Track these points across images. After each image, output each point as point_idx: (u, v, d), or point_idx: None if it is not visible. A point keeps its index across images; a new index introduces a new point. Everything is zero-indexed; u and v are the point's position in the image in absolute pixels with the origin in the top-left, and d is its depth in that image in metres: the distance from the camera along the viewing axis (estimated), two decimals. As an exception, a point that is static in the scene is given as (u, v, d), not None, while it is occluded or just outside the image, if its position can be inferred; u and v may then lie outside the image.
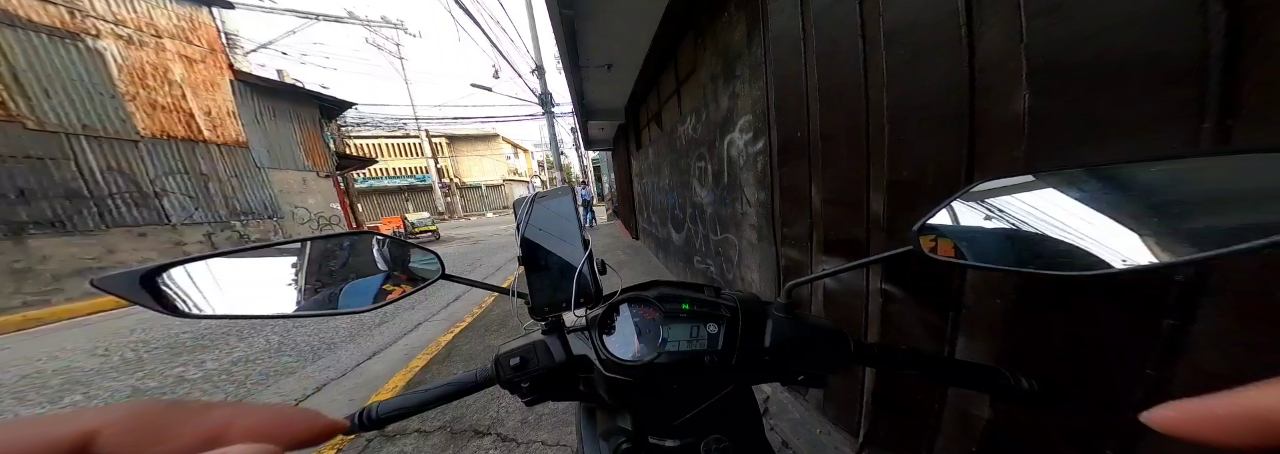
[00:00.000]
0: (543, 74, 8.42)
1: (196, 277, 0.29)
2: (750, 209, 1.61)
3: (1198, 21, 0.37)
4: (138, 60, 5.82)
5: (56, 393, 2.23)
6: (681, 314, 0.34)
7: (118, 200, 5.35)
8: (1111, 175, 0.24)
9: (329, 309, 0.35)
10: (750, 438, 0.38)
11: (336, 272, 0.37)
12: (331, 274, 0.36)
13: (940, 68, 0.66)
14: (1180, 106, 0.39)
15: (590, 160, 18.40)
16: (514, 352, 0.35)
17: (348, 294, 0.36)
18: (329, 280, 0.36)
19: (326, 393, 1.97)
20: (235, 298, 0.30)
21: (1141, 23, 0.41)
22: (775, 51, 1.24)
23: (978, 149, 0.62)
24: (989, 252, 0.29)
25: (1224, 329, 0.39)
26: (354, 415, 0.34)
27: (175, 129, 6.22)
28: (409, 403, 0.35)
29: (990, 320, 0.63)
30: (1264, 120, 0.35)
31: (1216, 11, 0.36)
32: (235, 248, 0.33)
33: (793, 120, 1.16)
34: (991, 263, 0.29)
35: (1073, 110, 0.49)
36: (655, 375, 0.32)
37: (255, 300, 0.31)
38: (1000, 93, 0.57)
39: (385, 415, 0.34)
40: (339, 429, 0.19)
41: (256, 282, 0.32)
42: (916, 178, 0.74)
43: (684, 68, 2.72)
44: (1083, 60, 0.47)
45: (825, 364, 0.34)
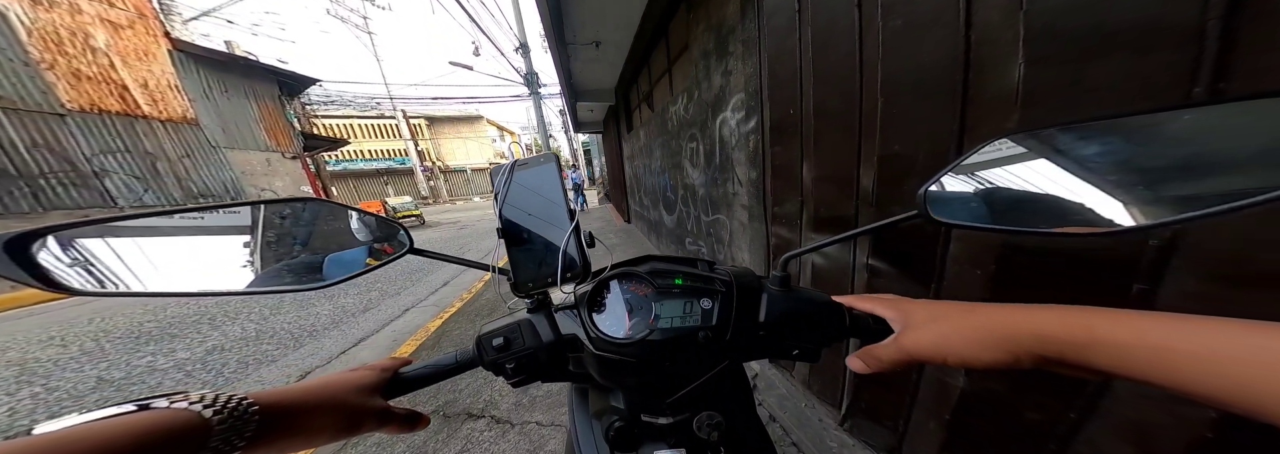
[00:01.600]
0: (527, 52, 7.91)
1: (97, 244, 0.24)
2: (741, 189, 1.60)
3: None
4: (50, 23, 5.12)
5: (12, 386, 2.10)
6: (675, 290, 0.33)
7: (52, 180, 4.85)
8: (1128, 127, 0.23)
9: (274, 286, 0.30)
10: (742, 413, 0.38)
11: (281, 244, 0.32)
12: (276, 247, 0.32)
13: (936, 39, 0.65)
14: (1174, 71, 0.39)
15: (580, 144, 17.87)
16: (497, 331, 0.33)
17: (297, 270, 0.32)
18: (276, 254, 0.31)
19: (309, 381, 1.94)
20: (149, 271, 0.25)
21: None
22: (769, 26, 1.19)
23: (970, 121, 0.62)
24: (996, 213, 0.29)
25: (1191, 291, 0.41)
26: None
27: (107, 102, 5.60)
28: None
29: (971, 291, 0.66)
30: (1255, 82, 0.36)
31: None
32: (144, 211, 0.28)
33: (786, 97, 1.14)
34: (998, 224, 0.29)
35: (1067, 78, 0.49)
36: (648, 353, 0.31)
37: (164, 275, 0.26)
38: (995, 62, 0.57)
39: None
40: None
41: (163, 253, 0.26)
42: (908, 152, 0.74)
43: (676, 45, 2.61)
44: (1081, 26, 0.46)
45: (820, 338, 0.34)
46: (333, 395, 0.27)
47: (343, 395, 0.28)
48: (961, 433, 0.73)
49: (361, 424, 0.28)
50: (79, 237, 0.24)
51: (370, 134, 27.79)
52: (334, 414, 0.27)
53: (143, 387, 1.97)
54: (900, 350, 0.26)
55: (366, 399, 0.29)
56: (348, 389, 0.28)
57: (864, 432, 1.01)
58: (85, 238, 0.24)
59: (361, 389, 0.29)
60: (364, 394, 0.29)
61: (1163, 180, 0.22)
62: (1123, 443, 0.48)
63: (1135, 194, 0.23)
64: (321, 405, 0.26)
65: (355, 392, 0.29)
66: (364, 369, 0.31)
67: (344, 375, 0.30)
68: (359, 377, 0.30)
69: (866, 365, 0.28)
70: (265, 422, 0.22)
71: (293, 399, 0.25)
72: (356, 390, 0.29)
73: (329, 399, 0.27)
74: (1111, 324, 0.19)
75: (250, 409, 0.22)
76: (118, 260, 0.25)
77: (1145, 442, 0.46)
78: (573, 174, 14.96)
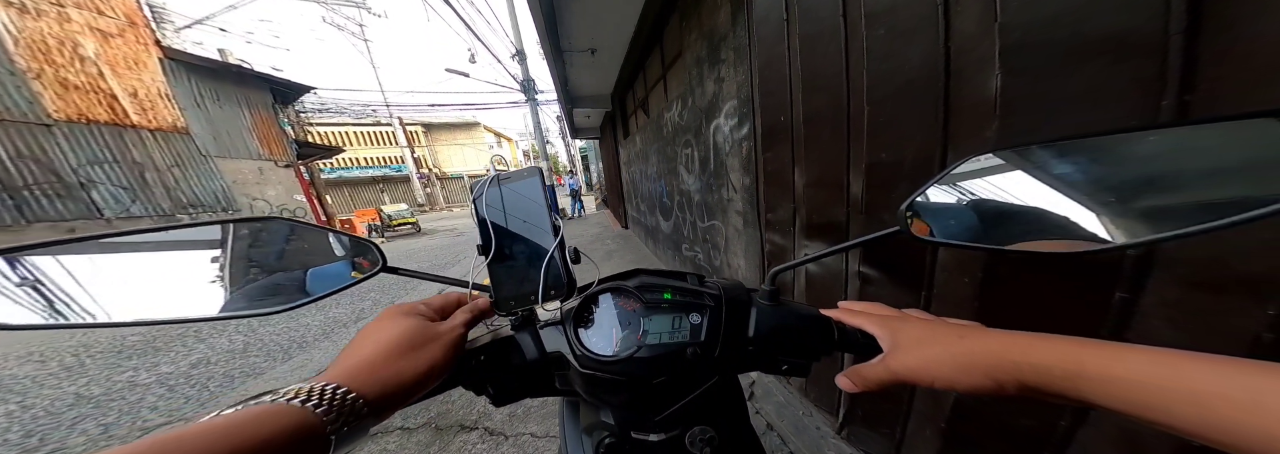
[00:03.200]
0: (524, 59, 7.98)
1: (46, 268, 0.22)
2: (736, 195, 1.61)
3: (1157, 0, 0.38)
4: (37, 32, 5.07)
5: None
6: (663, 304, 0.32)
7: (36, 192, 4.76)
8: (1099, 146, 0.23)
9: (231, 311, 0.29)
10: (735, 427, 0.37)
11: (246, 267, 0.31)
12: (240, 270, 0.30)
13: (918, 48, 0.66)
14: (1142, 83, 0.40)
15: (577, 149, 17.95)
16: (477, 350, 0.32)
17: (275, 289, 0.30)
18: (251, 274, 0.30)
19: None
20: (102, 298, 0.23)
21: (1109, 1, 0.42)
22: (759, 33, 1.21)
23: (952, 129, 0.63)
24: (972, 231, 0.29)
25: (1171, 299, 0.41)
26: None
27: (96, 112, 5.54)
28: None
29: (959, 299, 0.66)
30: (1219, 95, 0.36)
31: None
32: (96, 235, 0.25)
33: (777, 104, 1.15)
34: (975, 242, 0.29)
35: (1041, 89, 0.50)
36: (636, 370, 0.30)
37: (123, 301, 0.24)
38: (973, 73, 0.58)
39: None
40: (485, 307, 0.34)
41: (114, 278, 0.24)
42: (895, 159, 0.75)
43: (670, 51, 2.65)
44: (1054, 38, 0.47)
45: (809, 352, 0.33)
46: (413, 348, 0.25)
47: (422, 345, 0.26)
48: (957, 440, 0.72)
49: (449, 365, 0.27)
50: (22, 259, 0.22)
51: (366, 141, 27.69)
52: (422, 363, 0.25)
53: (122, 402, 1.90)
54: (887, 371, 0.26)
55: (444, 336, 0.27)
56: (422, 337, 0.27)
57: (862, 440, 1.00)
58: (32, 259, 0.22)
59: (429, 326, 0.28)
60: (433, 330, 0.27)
61: (1133, 199, 0.22)
62: (1114, 450, 0.48)
63: (1107, 212, 0.23)
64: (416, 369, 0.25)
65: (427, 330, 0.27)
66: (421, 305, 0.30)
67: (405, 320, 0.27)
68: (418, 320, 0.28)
69: (855, 384, 0.28)
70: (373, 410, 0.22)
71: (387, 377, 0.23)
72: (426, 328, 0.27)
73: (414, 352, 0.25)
74: (1102, 358, 0.19)
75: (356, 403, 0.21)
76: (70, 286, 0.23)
77: (1136, 448, 0.46)
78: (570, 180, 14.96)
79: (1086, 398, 0.19)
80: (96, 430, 1.66)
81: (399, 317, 0.28)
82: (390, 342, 0.25)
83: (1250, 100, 0.35)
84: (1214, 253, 0.38)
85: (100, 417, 1.77)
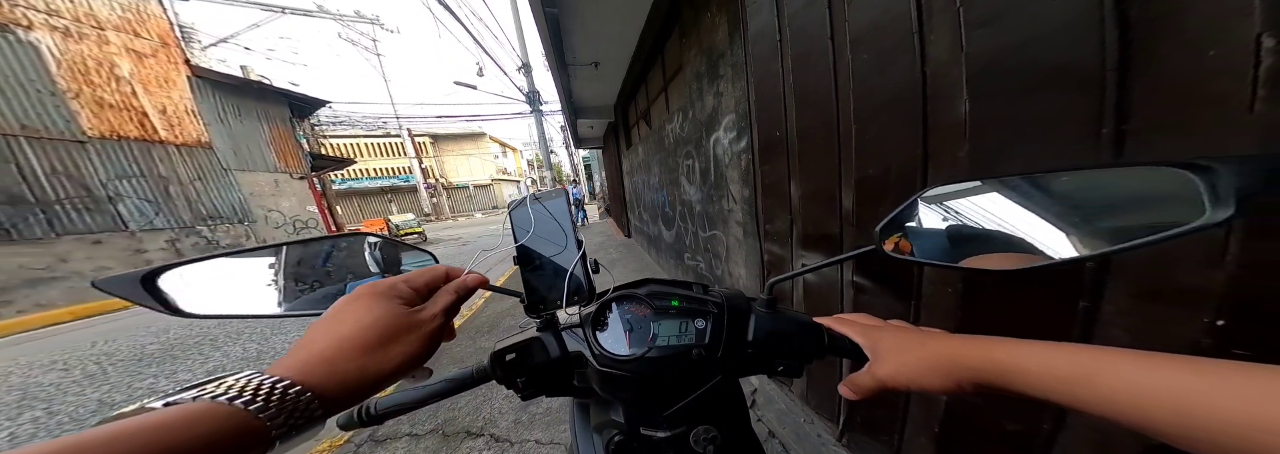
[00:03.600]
0: (529, 71, 8.25)
1: (198, 277, 0.30)
2: (736, 206, 1.65)
3: (1097, 36, 0.43)
4: (78, 54, 5.37)
5: (14, 410, 2.09)
6: (671, 310, 0.36)
7: (67, 206, 4.95)
8: (1041, 182, 0.28)
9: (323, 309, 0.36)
10: (737, 428, 0.40)
11: (333, 272, 0.38)
12: (328, 275, 0.37)
13: (898, 71, 0.71)
14: (1085, 113, 0.45)
15: (581, 159, 18.20)
16: (510, 348, 0.36)
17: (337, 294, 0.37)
18: (326, 280, 0.37)
19: None
20: (236, 297, 0.31)
21: (1056, 36, 0.47)
22: (754, 52, 1.27)
23: (931, 148, 0.67)
24: (939, 250, 0.33)
25: (1125, 308, 0.45)
26: (351, 412, 0.35)
27: (127, 129, 5.80)
28: (407, 399, 0.36)
29: (944, 308, 0.69)
30: (1151, 126, 0.41)
31: (1110, 28, 0.42)
32: (236, 249, 0.34)
33: (772, 119, 1.21)
34: (940, 260, 0.33)
35: (1004, 114, 0.55)
36: (646, 369, 0.34)
37: (254, 300, 0.32)
38: (947, 96, 0.63)
39: (383, 411, 0.35)
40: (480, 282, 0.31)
41: (255, 282, 0.33)
42: (881, 175, 0.80)
43: (671, 65, 2.74)
44: (1013, 68, 0.52)
45: (801, 355, 0.36)
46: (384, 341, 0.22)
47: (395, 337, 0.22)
48: (951, 445, 0.74)
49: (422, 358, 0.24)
50: (187, 269, 0.30)
51: (376, 153, 28.40)
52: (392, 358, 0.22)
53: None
54: (873, 379, 0.29)
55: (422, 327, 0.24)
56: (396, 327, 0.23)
57: (862, 447, 1.01)
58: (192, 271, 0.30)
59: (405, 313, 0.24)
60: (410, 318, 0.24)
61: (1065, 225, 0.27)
62: (1090, 451, 0.50)
63: (1042, 235, 0.28)
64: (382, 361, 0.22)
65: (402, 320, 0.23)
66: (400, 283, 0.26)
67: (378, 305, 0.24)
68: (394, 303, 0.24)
69: (852, 392, 0.30)
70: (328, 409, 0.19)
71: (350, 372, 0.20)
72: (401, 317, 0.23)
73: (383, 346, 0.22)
74: (1013, 354, 0.22)
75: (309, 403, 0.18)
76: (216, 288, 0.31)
77: (1108, 448, 0.49)
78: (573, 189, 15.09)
79: (1018, 391, 0.22)
80: None
81: (372, 299, 0.24)
82: (358, 332, 0.22)
83: (1177, 131, 0.39)
84: (1154, 267, 0.42)
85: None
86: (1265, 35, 0.33)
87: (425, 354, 0.24)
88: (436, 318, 0.26)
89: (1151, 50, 0.40)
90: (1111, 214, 0.26)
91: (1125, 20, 0.41)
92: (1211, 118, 0.37)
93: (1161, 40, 0.39)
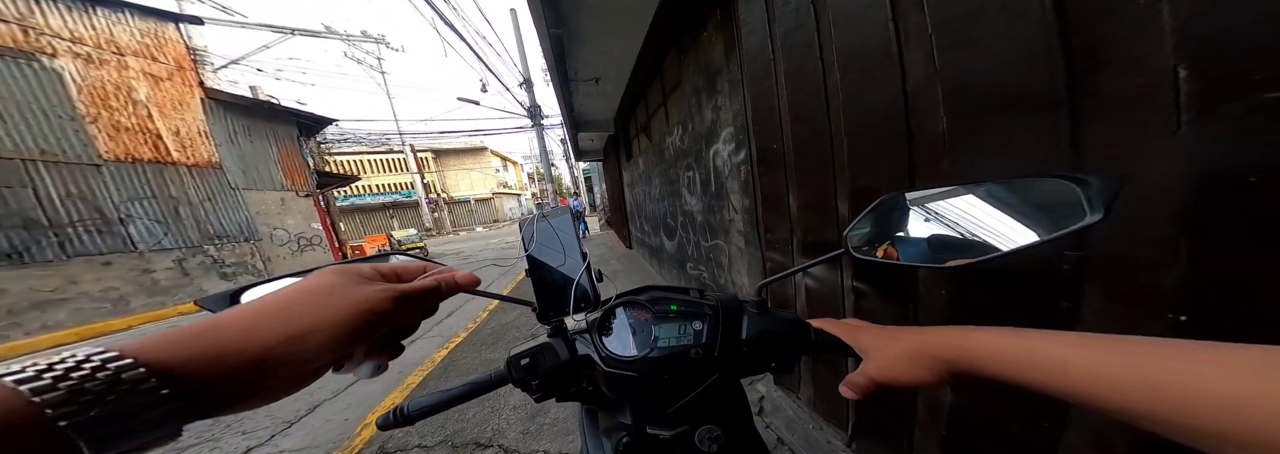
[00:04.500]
0: (531, 87, 8.52)
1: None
2: (737, 216, 1.69)
3: (1046, 64, 0.49)
4: (98, 80, 5.54)
5: None
6: (670, 314, 0.39)
7: (79, 228, 5.02)
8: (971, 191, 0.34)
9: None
10: (740, 427, 0.42)
11: None
12: None
13: (882, 89, 0.77)
14: (1045, 130, 0.51)
15: (581, 171, 18.43)
16: (524, 353, 0.39)
17: None
18: None
19: (320, 413, 1.91)
20: None
21: (1015, 61, 0.53)
22: (750, 69, 1.35)
23: (917, 159, 0.73)
24: (905, 251, 0.38)
25: (1101, 308, 0.49)
26: (388, 414, 0.38)
27: (141, 151, 5.93)
28: (435, 401, 0.39)
29: (939, 309, 0.73)
30: (1102, 141, 0.46)
31: (1056, 57, 0.48)
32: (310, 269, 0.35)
33: (769, 133, 1.27)
34: (906, 260, 0.37)
35: (977, 129, 0.60)
36: (649, 368, 0.36)
37: None
38: (928, 113, 0.68)
39: (416, 412, 0.38)
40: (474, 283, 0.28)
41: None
42: (872, 186, 0.85)
43: (670, 81, 2.85)
44: (981, 89, 0.58)
45: (792, 353, 0.39)
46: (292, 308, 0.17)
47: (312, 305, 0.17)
48: (958, 448, 0.75)
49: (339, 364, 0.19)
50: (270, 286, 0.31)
51: (379, 169, 28.76)
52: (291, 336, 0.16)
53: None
54: (866, 377, 0.30)
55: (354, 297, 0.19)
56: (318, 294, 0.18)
57: (871, 452, 1.02)
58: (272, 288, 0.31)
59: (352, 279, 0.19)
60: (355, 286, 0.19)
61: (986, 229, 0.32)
62: (1092, 448, 0.53)
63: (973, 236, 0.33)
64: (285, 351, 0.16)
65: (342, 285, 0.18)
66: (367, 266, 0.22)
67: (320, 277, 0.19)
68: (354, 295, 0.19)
69: (851, 391, 0.31)
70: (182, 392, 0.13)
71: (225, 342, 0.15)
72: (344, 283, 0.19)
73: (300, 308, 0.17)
74: (983, 342, 0.24)
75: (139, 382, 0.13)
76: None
77: (1107, 446, 0.51)
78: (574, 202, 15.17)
79: (990, 374, 0.23)
80: None
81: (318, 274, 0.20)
82: (267, 301, 0.18)
83: (1122, 146, 0.45)
84: (1120, 270, 0.46)
85: None
86: (1180, 66, 0.38)
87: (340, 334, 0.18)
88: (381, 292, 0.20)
89: (1092, 77, 0.46)
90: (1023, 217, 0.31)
91: (1069, 49, 0.47)
92: (1146, 137, 0.42)
93: (1098, 69, 0.45)
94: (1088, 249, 0.48)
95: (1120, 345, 0.19)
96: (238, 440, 1.70)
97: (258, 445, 1.65)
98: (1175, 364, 0.17)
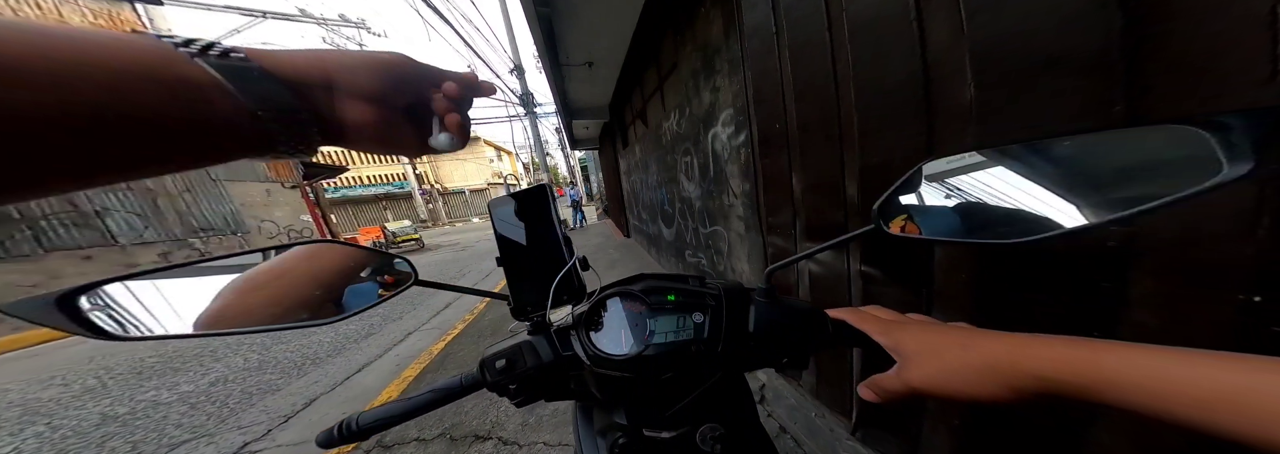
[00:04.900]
0: (522, 74, 8.21)
1: (128, 295, 0.26)
2: (736, 201, 1.64)
3: (1100, 21, 0.42)
4: None
5: (16, 425, 2.07)
6: (667, 306, 0.34)
7: (54, 221, 4.86)
8: (1041, 149, 0.27)
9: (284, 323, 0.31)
10: (745, 424, 0.38)
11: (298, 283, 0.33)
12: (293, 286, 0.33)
13: (899, 59, 0.70)
14: (1096, 94, 0.44)
15: (577, 160, 18.17)
16: (499, 354, 0.35)
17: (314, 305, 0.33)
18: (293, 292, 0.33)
19: (317, 408, 1.89)
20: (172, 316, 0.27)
21: (1060, 20, 0.46)
22: (751, 46, 1.26)
23: (936, 134, 0.67)
24: (943, 225, 0.32)
25: (1149, 289, 0.44)
26: (331, 429, 0.33)
27: None
28: (392, 412, 0.34)
29: (957, 294, 0.68)
30: (1168, 104, 0.40)
31: (1112, 10, 0.41)
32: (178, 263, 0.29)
33: (771, 112, 1.20)
34: (946, 236, 0.31)
35: (1010, 97, 0.53)
36: (645, 368, 0.32)
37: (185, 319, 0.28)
38: (950, 83, 0.62)
39: (367, 426, 0.33)
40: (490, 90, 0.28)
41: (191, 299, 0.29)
42: (886, 163, 0.79)
43: (665, 64, 2.73)
44: (1016, 52, 0.51)
45: (805, 345, 0.35)
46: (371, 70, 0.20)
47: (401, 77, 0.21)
48: (973, 439, 0.73)
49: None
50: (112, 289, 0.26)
51: (368, 159, 28.16)
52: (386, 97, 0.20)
53: (147, 421, 1.93)
54: (903, 385, 0.26)
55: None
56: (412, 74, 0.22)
57: (877, 441, 1.00)
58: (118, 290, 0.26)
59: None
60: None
61: (1070, 193, 0.26)
62: (1130, 446, 0.49)
63: (1047, 204, 0.26)
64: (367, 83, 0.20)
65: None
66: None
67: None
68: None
69: (876, 396, 0.28)
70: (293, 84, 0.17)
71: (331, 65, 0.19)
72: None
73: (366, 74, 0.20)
74: (1121, 361, 0.18)
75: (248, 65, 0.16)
76: (149, 308, 0.27)
77: (1148, 441, 0.47)
78: (571, 191, 15.03)
79: (1110, 401, 0.18)
80: (125, 448, 1.68)
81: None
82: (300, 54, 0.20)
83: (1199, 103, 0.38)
84: (1179, 243, 0.41)
85: (128, 435, 1.81)
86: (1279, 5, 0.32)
87: (379, 71, 0.22)
88: (399, 56, 0.23)
89: (1157, 28, 0.39)
90: (1122, 178, 0.24)
91: (1126, 2, 0.40)
92: (1228, 90, 0.36)
93: (1166, 19, 0.38)
94: (1138, 222, 0.43)
95: None
96: (235, 436, 1.68)
97: (255, 440, 1.63)
98: None
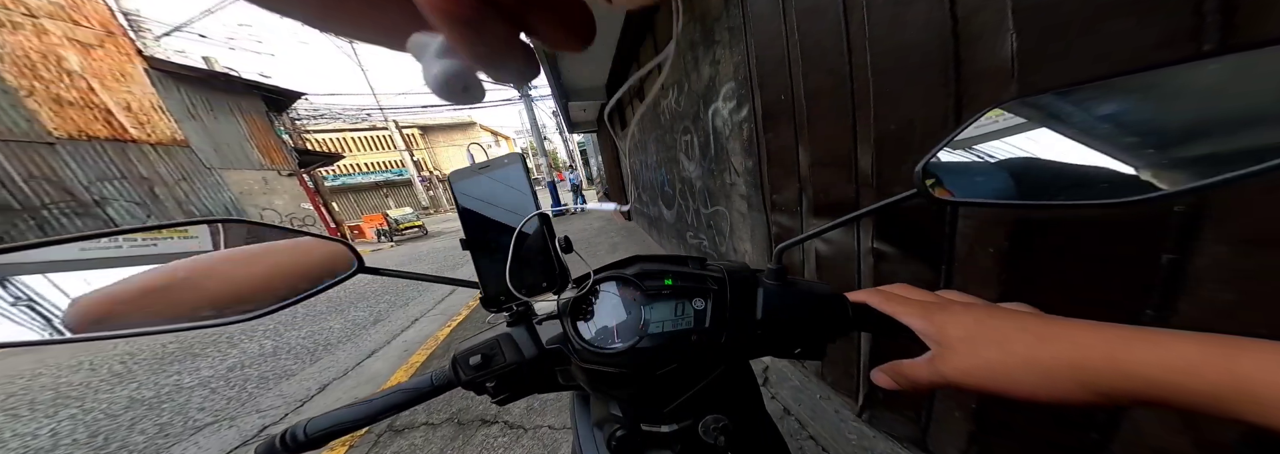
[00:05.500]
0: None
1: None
2: (738, 179, 1.57)
3: None
4: (19, 46, 5.04)
5: (51, 407, 2.18)
6: (664, 291, 0.31)
7: (54, 211, 4.87)
8: (1131, 86, 0.20)
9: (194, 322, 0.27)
10: (750, 414, 0.36)
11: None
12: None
13: (922, 16, 0.62)
14: (1177, 34, 0.36)
15: (576, 144, 17.74)
16: (474, 349, 0.31)
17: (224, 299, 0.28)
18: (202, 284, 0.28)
19: (330, 393, 1.95)
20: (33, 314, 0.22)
21: None
22: (754, 12, 1.15)
23: (964, 95, 0.59)
24: (996, 188, 0.26)
25: (1223, 259, 0.38)
26: (273, 440, 0.29)
27: (94, 127, 5.58)
28: (347, 418, 0.31)
29: (982, 270, 0.63)
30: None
31: None
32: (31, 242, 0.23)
33: (776, 83, 1.10)
34: (1002, 199, 0.26)
35: (1061, 47, 0.46)
36: (639, 362, 0.29)
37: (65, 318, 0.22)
38: (985, 34, 0.54)
39: (316, 435, 0.30)
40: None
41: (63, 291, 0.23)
42: (904, 130, 0.72)
43: (662, 38, 2.55)
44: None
45: (822, 333, 0.31)
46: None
47: None
48: (990, 422, 0.70)
49: None
50: None
51: (365, 146, 27.68)
52: None
53: (172, 404, 2.02)
54: (937, 375, 0.22)
55: None
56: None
57: (884, 423, 1.00)
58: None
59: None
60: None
61: (1178, 142, 0.19)
62: (1172, 432, 0.45)
63: (1148, 159, 0.20)
64: None
65: None
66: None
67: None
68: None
69: (896, 384, 0.24)
70: None
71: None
72: None
73: None
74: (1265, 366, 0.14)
75: None
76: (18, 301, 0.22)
77: (1195, 430, 0.43)
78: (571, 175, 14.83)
79: (1245, 418, 0.14)
80: (154, 429, 1.76)
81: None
82: None
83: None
84: (1263, 206, 0.34)
85: (155, 417, 1.89)
86: None
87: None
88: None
89: None
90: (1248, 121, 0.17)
91: None
92: None
93: None
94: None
95: None
96: (254, 419, 1.75)
97: (273, 424, 1.70)
98: None
